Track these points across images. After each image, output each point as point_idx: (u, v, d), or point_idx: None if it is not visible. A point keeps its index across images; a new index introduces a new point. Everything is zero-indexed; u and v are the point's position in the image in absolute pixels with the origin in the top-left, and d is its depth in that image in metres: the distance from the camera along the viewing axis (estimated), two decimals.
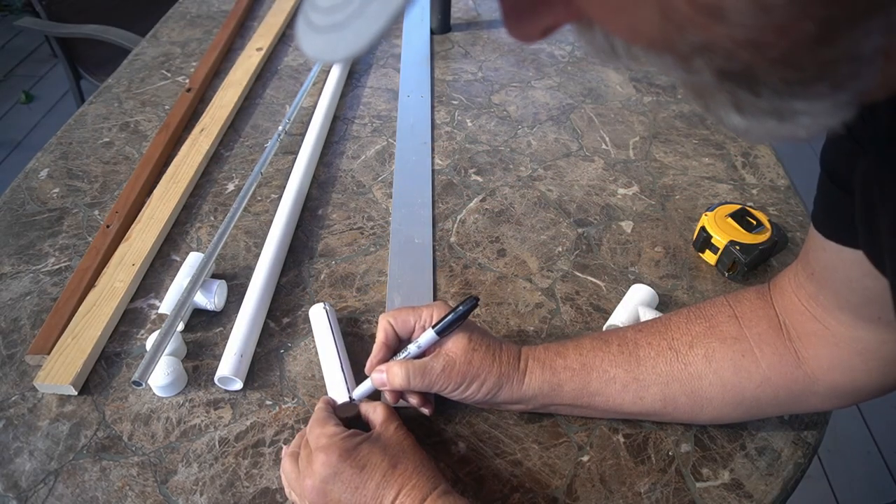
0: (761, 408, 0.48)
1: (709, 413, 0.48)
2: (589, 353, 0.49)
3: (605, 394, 0.48)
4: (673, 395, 0.47)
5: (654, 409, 0.48)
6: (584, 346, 0.49)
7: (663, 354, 0.47)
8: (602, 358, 0.48)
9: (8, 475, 0.49)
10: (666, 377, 0.47)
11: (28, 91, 2.49)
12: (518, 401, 0.50)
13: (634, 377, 0.48)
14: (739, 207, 0.66)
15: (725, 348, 0.46)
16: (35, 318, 0.61)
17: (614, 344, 0.49)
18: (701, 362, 0.46)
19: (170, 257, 0.67)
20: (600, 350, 0.49)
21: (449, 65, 1.00)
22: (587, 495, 0.48)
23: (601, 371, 0.48)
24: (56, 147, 0.81)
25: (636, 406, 0.48)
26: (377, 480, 0.42)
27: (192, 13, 1.14)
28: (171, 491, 0.48)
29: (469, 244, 0.69)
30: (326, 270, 0.66)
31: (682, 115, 0.89)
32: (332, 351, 0.55)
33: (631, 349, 0.48)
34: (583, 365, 0.48)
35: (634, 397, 0.48)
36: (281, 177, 0.77)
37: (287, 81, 0.95)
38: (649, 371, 0.47)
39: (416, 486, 0.42)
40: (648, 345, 0.48)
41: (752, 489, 0.49)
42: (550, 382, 0.48)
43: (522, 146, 0.83)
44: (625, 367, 0.48)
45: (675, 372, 0.47)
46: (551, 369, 0.49)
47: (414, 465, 0.44)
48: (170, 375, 0.53)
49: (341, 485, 0.43)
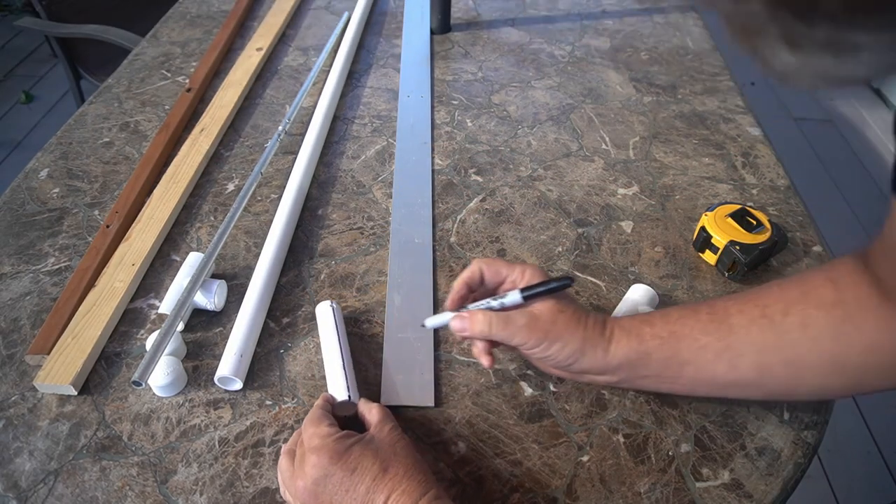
0: (867, 378, 0.44)
1: (809, 384, 0.46)
2: (677, 322, 0.47)
3: (695, 363, 0.46)
4: (769, 363, 0.45)
5: (748, 378, 0.46)
6: (672, 315, 0.48)
7: (757, 322, 0.45)
8: (692, 326, 0.46)
9: (8, 475, 0.49)
10: (760, 345, 0.45)
11: (28, 91, 2.49)
12: (603, 370, 0.49)
13: (727, 345, 0.45)
14: (739, 207, 0.66)
15: (823, 315, 0.43)
16: (35, 318, 0.61)
17: (704, 312, 0.47)
18: (797, 330, 0.44)
19: (170, 257, 0.67)
20: (689, 318, 0.47)
21: (449, 65, 1.00)
22: (587, 495, 0.48)
23: (691, 339, 0.46)
24: (56, 147, 0.81)
25: (730, 375, 0.46)
26: (367, 484, 0.42)
27: (192, 13, 1.14)
28: (171, 491, 0.48)
29: (469, 244, 0.69)
30: (326, 270, 0.66)
31: (682, 115, 0.89)
32: (336, 349, 0.55)
33: (721, 317, 0.46)
34: (671, 333, 0.47)
35: (728, 366, 0.46)
36: (281, 177, 0.77)
37: (287, 81, 0.95)
38: (743, 339, 0.45)
39: (406, 490, 0.42)
40: (740, 312, 0.46)
41: (752, 489, 0.49)
42: (637, 351, 0.47)
43: (522, 146, 0.83)
44: (716, 335, 0.46)
45: (769, 340, 0.45)
46: (638, 337, 0.47)
47: (405, 468, 0.43)
48: (170, 375, 0.53)
49: (332, 487, 0.42)
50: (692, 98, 0.92)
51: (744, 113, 0.89)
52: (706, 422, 0.53)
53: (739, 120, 0.88)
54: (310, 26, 1.10)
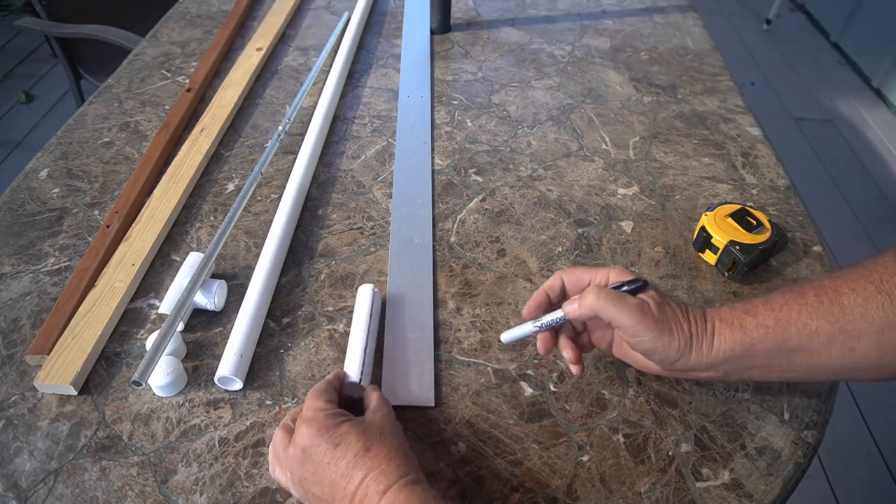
0: None
1: None
2: (782, 308, 0.44)
3: (807, 349, 0.44)
4: (891, 343, 0.42)
5: (869, 360, 0.43)
6: (775, 301, 0.45)
7: (872, 299, 0.42)
8: (799, 311, 0.44)
9: (8, 475, 0.49)
10: (880, 324, 0.41)
11: (28, 91, 2.49)
12: (709, 366, 0.47)
13: (841, 328, 0.42)
14: (739, 207, 0.66)
15: None
16: (35, 318, 0.61)
17: (810, 294, 0.44)
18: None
19: (170, 257, 0.67)
20: (795, 303, 0.44)
21: (449, 65, 1.00)
22: (587, 495, 0.48)
23: (800, 325, 0.43)
24: (56, 147, 0.81)
25: (847, 359, 0.43)
26: (348, 460, 0.43)
27: (192, 13, 1.14)
28: (171, 491, 0.48)
29: (469, 244, 0.69)
30: (326, 270, 0.66)
31: (682, 115, 0.89)
32: (363, 331, 0.56)
33: (832, 297, 0.43)
34: (777, 321, 0.44)
35: (843, 349, 0.43)
36: (281, 177, 0.77)
37: (287, 81, 0.95)
38: (858, 320, 0.42)
39: (385, 471, 0.42)
40: (852, 291, 0.43)
41: (752, 489, 0.49)
42: (743, 343, 0.45)
43: (522, 146, 0.83)
44: (828, 319, 0.43)
45: (890, 318, 0.41)
46: (742, 329, 0.45)
47: (387, 451, 0.44)
48: (170, 375, 0.53)
49: (316, 457, 0.43)
50: (692, 98, 0.92)
51: (744, 113, 0.89)
52: (706, 422, 0.53)
53: (739, 120, 0.88)
54: (310, 26, 1.10)
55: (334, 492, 0.43)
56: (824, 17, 3.11)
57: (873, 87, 2.68)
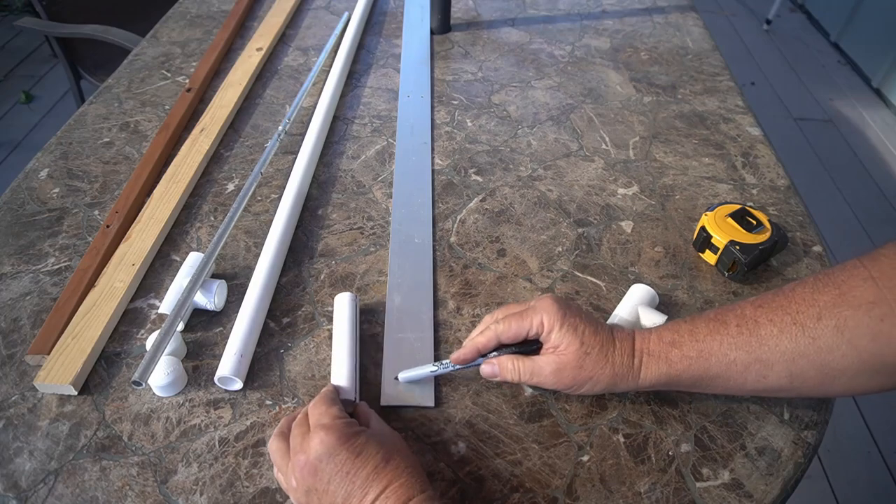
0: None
1: (841, 384, 0.45)
2: (706, 339, 0.47)
3: (725, 376, 0.47)
4: (800, 370, 0.45)
5: (779, 385, 0.47)
6: (700, 330, 0.48)
7: (787, 331, 0.45)
8: (720, 341, 0.47)
9: (8, 475, 0.49)
10: (791, 354, 0.45)
11: (28, 91, 2.49)
12: (634, 390, 0.51)
13: (756, 358, 0.46)
14: (739, 207, 0.66)
15: (861, 315, 0.43)
16: (35, 318, 0.61)
17: (733, 325, 0.47)
18: (831, 335, 0.43)
19: (170, 257, 0.67)
20: (718, 333, 0.47)
21: (449, 65, 1.00)
22: (587, 495, 0.48)
23: (720, 356, 0.47)
24: (56, 147, 0.81)
25: (760, 384, 0.47)
26: (368, 471, 0.43)
27: (192, 13, 1.14)
28: (171, 491, 0.48)
29: (469, 244, 0.69)
30: (326, 270, 0.66)
31: (682, 115, 0.89)
32: (348, 346, 0.56)
33: (751, 328, 0.46)
34: (700, 352, 0.47)
35: (757, 377, 0.46)
36: (281, 177, 0.77)
37: (287, 81, 0.95)
38: (773, 349, 0.45)
39: (405, 484, 0.42)
40: (770, 322, 0.46)
41: (752, 489, 0.49)
42: (668, 374, 0.48)
43: (522, 146, 0.83)
44: (745, 349, 0.46)
45: (801, 348, 0.44)
46: (667, 362, 0.48)
47: (406, 464, 0.44)
48: (170, 375, 0.53)
49: (333, 467, 0.43)
50: (692, 98, 0.92)
51: (744, 113, 0.89)
52: (706, 422, 0.53)
53: (739, 120, 0.88)
54: (310, 26, 1.10)
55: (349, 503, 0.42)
56: (824, 17, 3.11)
57: (873, 87, 2.68)
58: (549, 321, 0.49)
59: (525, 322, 0.50)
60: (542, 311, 0.50)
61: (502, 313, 0.53)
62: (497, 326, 0.51)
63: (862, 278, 0.44)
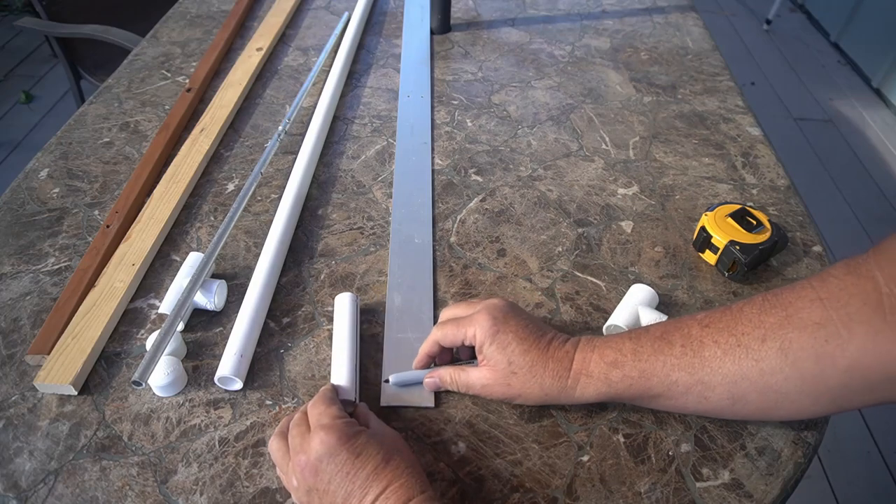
0: (850, 397, 0.43)
1: (787, 408, 0.45)
2: (649, 359, 0.47)
3: (666, 396, 0.47)
4: (742, 393, 0.45)
5: (721, 407, 0.47)
6: (644, 349, 0.47)
7: (731, 353, 0.45)
8: (663, 362, 0.47)
9: (8, 475, 0.49)
10: (734, 376, 0.45)
11: (28, 91, 2.49)
12: (573, 403, 0.52)
13: (698, 380, 0.46)
14: (739, 207, 0.66)
15: (805, 337, 0.42)
16: (35, 318, 0.61)
17: (677, 345, 0.47)
18: (775, 356, 0.43)
19: (170, 257, 0.67)
20: (662, 353, 0.47)
21: (449, 65, 1.00)
22: (587, 495, 0.48)
23: (662, 376, 0.47)
24: (56, 147, 0.81)
25: (701, 406, 0.47)
26: (369, 471, 0.43)
27: (192, 13, 1.14)
28: (171, 491, 0.48)
29: (469, 244, 0.69)
30: (326, 270, 0.66)
31: (682, 115, 0.89)
32: (349, 347, 0.56)
33: (695, 349, 0.46)
34: (641, 372, 0.47)
35: (699, 398, 0.46)
36: (281, 177, 0.77)
37: (287, 81, 0.95)
38: (714, 372, 0.45)
39: (405, 485, 0.42)
40: (715, 343, 0.45)
41: (752, 489, 0.49)
42: (607, 393, 0.48)
43: (522, 146, 0.83)
44: (688, 371, 0.46)
45: (743, 370, 0.44)
46: (606, 383, 0.48)
47: (406, 464, 0.44)
48: (170, 375, 0.53)
49: (334, 467, 0.43)
50: (692, 98, 0.93)
51: (744, 113, 0.89)
52: (706, 422, 0.53)
53: (739, 120, 0.88)
54: (310, 26, 1.10)
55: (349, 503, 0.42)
56: (824, 17, 3.11)
57: (873, 87, 2.68)
58: (480, 335, 0.50)
59: (460, 332, 0.51)
60: (476, 324, 0.50)
61: (447, 314, 0.55)
62: (436, 331, 0.53)
63: (810, 299, 0.43)
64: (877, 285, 0.41)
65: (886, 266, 0.41)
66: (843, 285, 0.42)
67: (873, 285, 0.41)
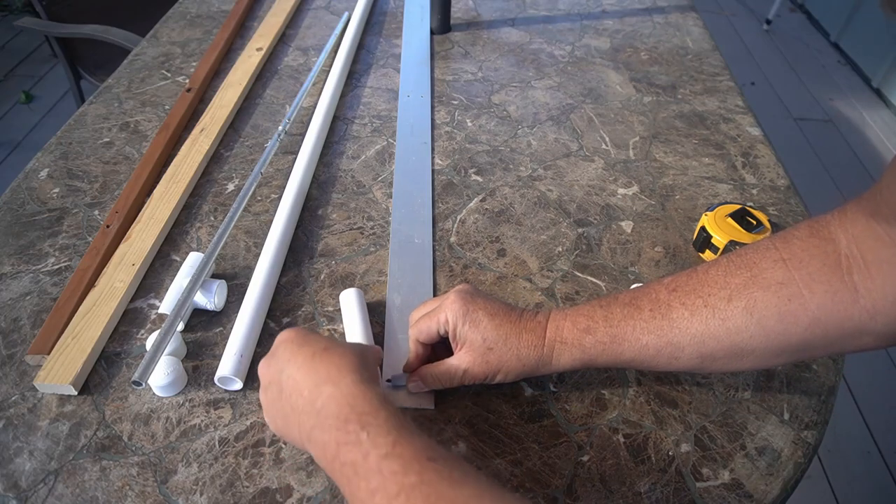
0: (811, 351, 0.46)
1: (752, 363, 0.47)
2: (620, 324, 0.48)
3: (639, 359, 0.49)
4: (710, 351, 0.46)
5: (690, 366, 0.48)
6: (615, 315, 0.49)
7: (698, 314, 0.46)
8: (633, 326, 0.48)
9: (8, 475, 0.49)
10: (701, 336, 0.46)
11: (28, 91, 2.49)
12: (552, 373, 0.54)
13: (668, 341, 0.47)
14: (739, 207, 0.66)
15: (769, 296, 0.44)
16: (35, 318, 0.61)
17: (646, 309, 0.48)
18: (741, 315, 0.45)
19: (170, 257, 0.67)
20: (631, 318, 0.48)
21: (449, 65, 1.00)
22: (587, 495, 0.48)
23: (633, 340, 0.48)
24: (56, 147, 0.81)
25: (671, 366, 0.48)
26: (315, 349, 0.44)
27: (192, 13, 1.14)
28: (171, 491, 0.48)
29: (469, 244, 0.69)
30: (326, 270, 0.66)
31: (682, 115, 0.89)
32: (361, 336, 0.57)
33: (664, 312, 0.47)
34: (613, 338, 0.48)
35: (669, 359, 0.48)
36: (281, 177, 0.77)
37: (287, 81, 0.95)
38: (683, 333, 0.47)
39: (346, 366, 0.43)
40: (682, 305, 0.47)
41: (752, 489, 0.49)
42: (581, 360, 0.49)
43: (522, 146, 0.83)
44: (657, 333, 0.47)
45: (711, 330, 0.46)
46: (581, 349, 0.49)
47: (343, 350, 0.45)
48: (170, 375, 0.53)
49: (285, 351, 0.45)
50: (692, 98, 0.93)
51: (744, 113, 0.89)
52: (706, 422, 0.53)
53: (739, 120, 0.88)
54: (310, 26, 1.10)
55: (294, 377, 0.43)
56: (824, 17, 3.11)
57: (873, 87, 2.68)
58: (452, 318, 0.50)
59: (433, 322, 0.52)
60: (445, 310, 0.51)
61: (418, 313, 0.55)
62: (412, 331, 0.54)
63: (773, 260, 0.45)
64: (836, 247, 0.43)
65: (850, 227, 0.43)
66: (805, 246, 0.44)
67: (833, 247, 0.43)
